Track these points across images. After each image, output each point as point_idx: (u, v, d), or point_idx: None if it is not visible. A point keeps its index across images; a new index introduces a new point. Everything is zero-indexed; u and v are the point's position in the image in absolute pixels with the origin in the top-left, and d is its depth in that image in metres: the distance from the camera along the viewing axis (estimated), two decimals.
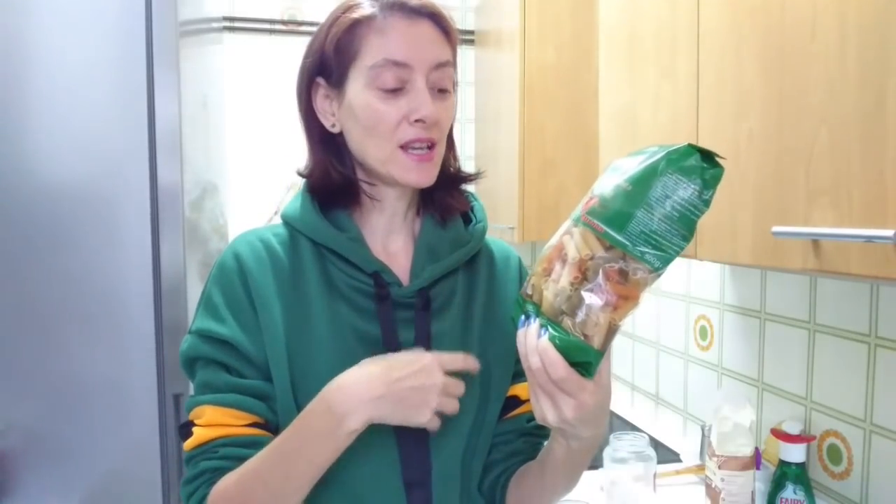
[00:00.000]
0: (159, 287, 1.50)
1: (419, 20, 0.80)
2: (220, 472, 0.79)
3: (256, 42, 2.61)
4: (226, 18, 2.54)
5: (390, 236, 0.88)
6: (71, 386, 1.47)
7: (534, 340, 0.66)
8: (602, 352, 0.65)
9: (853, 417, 1.28)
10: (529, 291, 0.70)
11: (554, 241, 0.69)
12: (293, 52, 2.17)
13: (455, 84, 0.86)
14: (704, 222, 1.15)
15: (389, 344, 0.81)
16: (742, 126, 1.05)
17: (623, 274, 0.63)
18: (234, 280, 0.82)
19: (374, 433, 0.76)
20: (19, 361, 1.46)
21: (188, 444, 0.82)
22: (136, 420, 1.50)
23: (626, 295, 0.63)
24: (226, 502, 0.78)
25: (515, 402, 0.90)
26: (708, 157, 0.63)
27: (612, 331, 0.64)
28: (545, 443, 0.87)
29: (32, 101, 1.45)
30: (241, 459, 0.78)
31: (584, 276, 0.64)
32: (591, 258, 0.64)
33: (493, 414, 0.87)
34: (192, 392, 0.85)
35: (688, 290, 1.83)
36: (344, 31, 0.80)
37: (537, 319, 0.66)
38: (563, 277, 0.64)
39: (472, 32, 2.80)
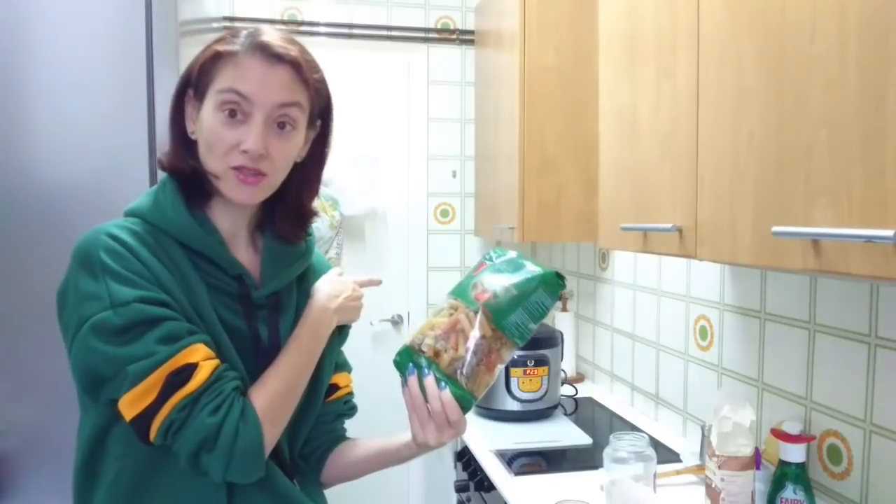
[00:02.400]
0: None
1: (277, 65, 0.89)
2: (241, 387, 0.89)
3: None
4: (226, 18, 2.54)
5: (233, 242, 0.97)
6: (71, 386, 1.46)
7: (435, 390, 0.89)
8: (478, 399, 0.93)
9: (853, 417, 1.28)
10: (424, 349, 0.92)
11: (444, 311, 0.94)
12: None
13: (324, 127, 0.99)
14: (704, 222, 1.16)
15: (254, 338, 0.95)
16: (742, 126, 1.05)
17: (501, 350, 0.92)
18: (125, 255, 0.86)
19: None
20: (19, 361, 1.46)
21: (198, 379, 0.84)
22: None
23: (500, 362, 0.92)
24: (269, 403, 0.89)
25: (334, 388, 1.10)
26: (562, 277, 0.94)
27: (488, 385, 0.93)
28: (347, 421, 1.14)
29: (33, 101, 1.45)
30: (244, 380, 0.91)
31: (475, 348, 0.90)
32: (483, 337, 0.90)
33: (318, 396, 1.05)
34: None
35: (687, 290, 1.84)
36: (208, 58, 0.90)
37: (432, 372, 0.90)
38: (460, 347, 0.91)
39: (471, 32, 2.80)
